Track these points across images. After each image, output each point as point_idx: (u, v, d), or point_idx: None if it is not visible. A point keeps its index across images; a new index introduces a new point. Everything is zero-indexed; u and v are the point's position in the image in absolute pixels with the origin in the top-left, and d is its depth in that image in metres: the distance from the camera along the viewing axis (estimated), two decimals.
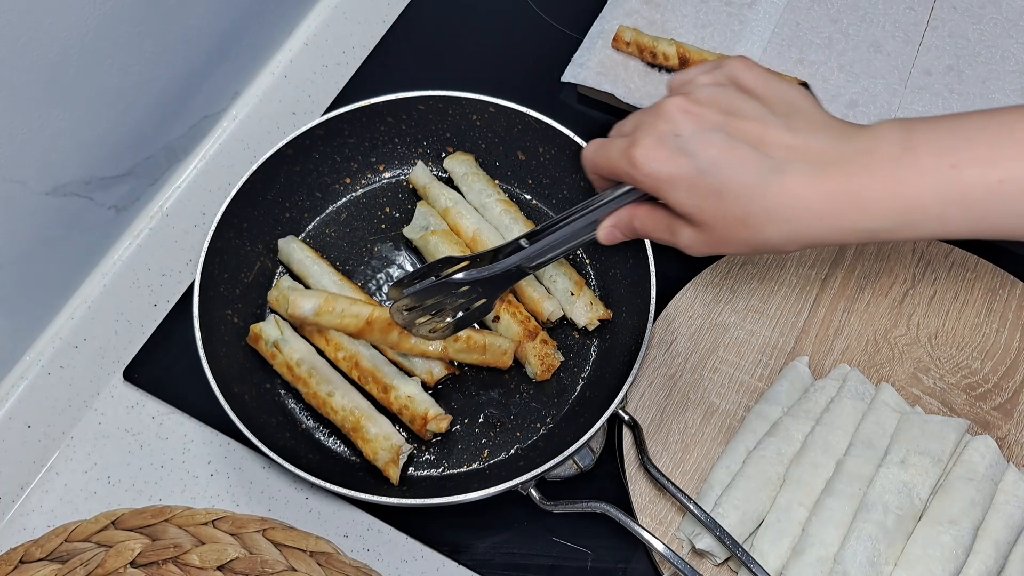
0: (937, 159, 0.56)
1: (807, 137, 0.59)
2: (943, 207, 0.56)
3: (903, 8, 1.03)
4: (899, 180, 0.57)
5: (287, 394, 0.85)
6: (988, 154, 0.55)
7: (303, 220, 0.92)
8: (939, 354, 0.85)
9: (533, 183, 0.93)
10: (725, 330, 0.87)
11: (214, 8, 0.91)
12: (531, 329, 0.83)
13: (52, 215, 0.83)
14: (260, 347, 0.83)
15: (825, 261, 0.89)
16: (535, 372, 0.83)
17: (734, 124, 0.60)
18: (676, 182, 0.60)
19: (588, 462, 0.78)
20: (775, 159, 0.58)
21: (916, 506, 0.74)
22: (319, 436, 0.83)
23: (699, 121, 0.60)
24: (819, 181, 0.58)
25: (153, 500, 0.84)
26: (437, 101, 0.90)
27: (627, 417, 0.80)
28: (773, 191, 0.58)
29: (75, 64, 0.78)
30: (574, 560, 0.80)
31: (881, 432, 0.78)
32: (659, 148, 0.61)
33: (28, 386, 0.85)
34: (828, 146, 0.59)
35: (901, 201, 0.57)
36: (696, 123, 0.60)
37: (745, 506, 0.75)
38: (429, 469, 0.82)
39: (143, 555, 0.73)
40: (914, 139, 0.57)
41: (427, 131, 0.93)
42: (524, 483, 0.74)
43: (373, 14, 1.09)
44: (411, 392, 0.81)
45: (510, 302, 0.84)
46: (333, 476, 0.75)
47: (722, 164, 0.59)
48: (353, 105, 0.89)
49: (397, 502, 0.74)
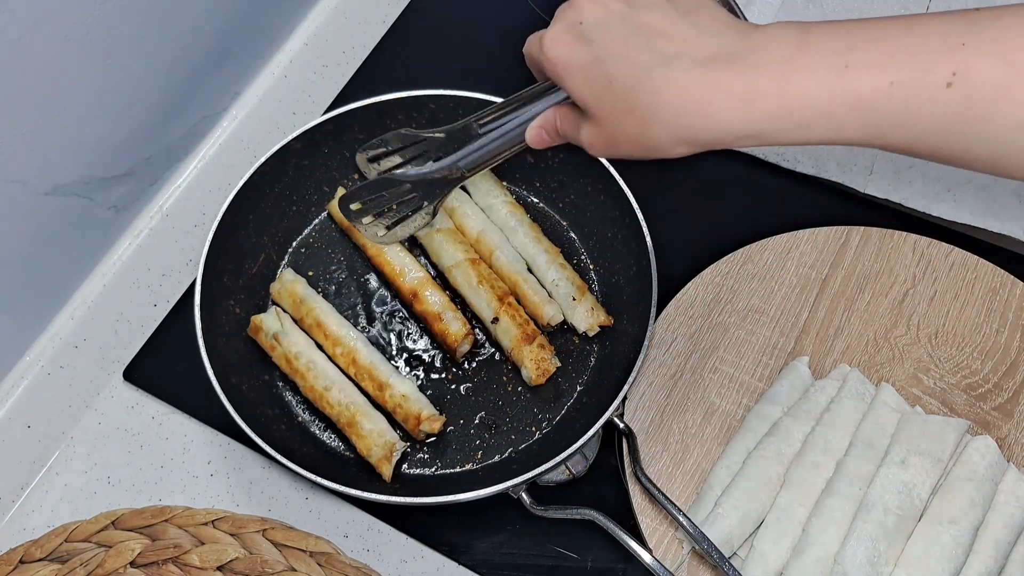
0: (829, 59, 0.55)
1: (703, 34, 0.59)
2: (832, 109, 0.55)
3: (898, 8, 1.03)
4: (787, 78, 0.55)
5: (285, 386, 0.85)
6: (881, 57, 0.54)
7: (310, 214, 0.92)
8: (939, 354, 0.85)
9: (541, 186, 0.93)
10: (725, 330, 0.87)
11: (214, 8, 0.91)
12: (529, 333, 0.83)
13: (52, 215, 0.83)
14: (260, 339, 0.84)
15: (825, 261, 0.89)
16: (530, 376, 0.83)
17: (635, 15, 0.60)
18: (573, 69, 0.61)
19: (581, 468, 0.78)
20: (666, 53, 0.58)
21: (916, 506, 0.74)
22: (314, 430, 0.83)
23: (604, 11, 0.61)
24: (704, 74, 0.57)
25: (153, 500, 0.84)
26: (448, 100, 0.90)
27: (622, 425, 0.80)
28: (658, 82, 0.57)
29: (75, 64, 0.78)
30: (574, 561, 0.80)
31: (881, 432, 0.78)
32: (563, 34, 0.61)
33: (28, 386, 0.85)
34: (721, 42, 0.58)
35: (788, 99, 0.55)
36: (600, 13, 0.61)
37: (745, 506, 0.75)
38: (422, 468, 0.82)
39: (143, 555, 0.73)
40: (809, 39, 0.56)
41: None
42: (515, 486, 0.75)
43: (373, 14, 1.09)
44: (406, 391, 0.81)
45: (510, 304, 0.84)
46: (326, 471, 0.75)
47: (615, 53, 0.59)
48: (364, 101, 0.89)
49: (387, 499, 0.74)
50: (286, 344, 0.83)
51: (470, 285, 0.85)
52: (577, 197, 0.91)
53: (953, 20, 0.54)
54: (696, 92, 0.57)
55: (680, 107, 0.57)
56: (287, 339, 0.83)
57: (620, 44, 0.59)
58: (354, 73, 1.05)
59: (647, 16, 0.60)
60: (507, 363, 0.86)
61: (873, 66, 0.54)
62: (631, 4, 0.60)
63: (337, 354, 0.83)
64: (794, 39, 0.56)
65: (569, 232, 0.92)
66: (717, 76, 0.56)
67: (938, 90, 0.52)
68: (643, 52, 0.58)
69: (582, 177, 0.89)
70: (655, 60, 0.58)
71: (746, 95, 0.56)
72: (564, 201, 0.92)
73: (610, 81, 0.59)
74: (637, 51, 0.58)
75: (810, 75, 0.55)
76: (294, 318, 0.85)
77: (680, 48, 0.58)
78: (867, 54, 0.54)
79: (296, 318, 0.85)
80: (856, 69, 0.54)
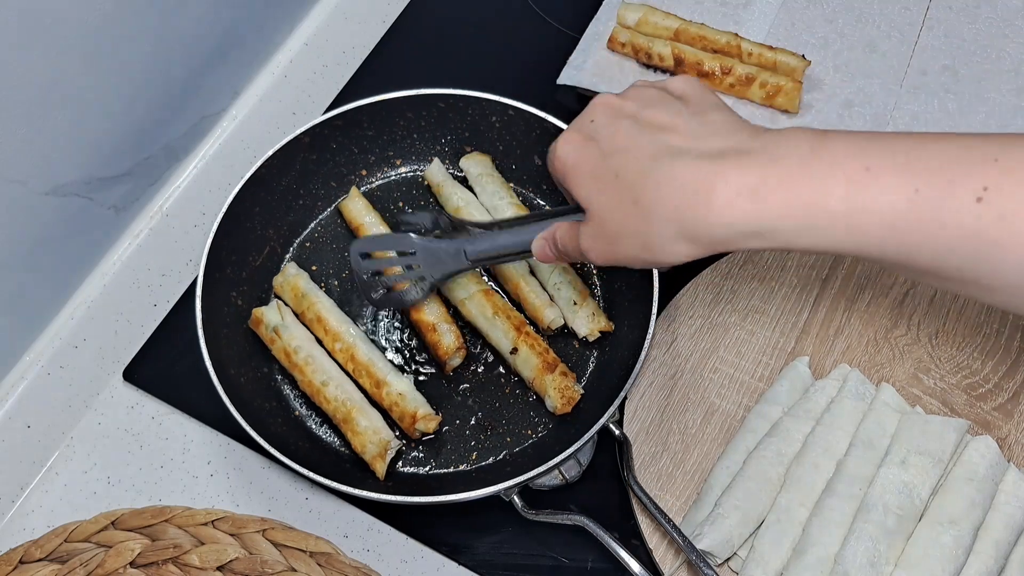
0: (849, 159, 0.52)
1: (714, 132, 0.57)
2: (850, 209, 0.51)
3: (898, 8, 1.03)
4: (802, 171, 0.52)
5: (283, 380, 0.85)
6: (907, 161, 0.50)
7: (316, 208, 0.92)
8: (939, 354, 0.85)
9: (548, 189, 0.93)
10: (725, 330, 0.87)
11: (214, 8, 0.91)
12: (550, 361, 0.81)
13: (52, 215, 0.83)
14: (260, 331, 0.84)
15: (826, 262, 0.89)
16: (555, 405, 0.81)
17: (645, 113, 0.59)
18: (581, 166, 0.61)
19: (575, 474, 0.78)
20: (672, 145, 0.57)
21: (916, 506, 0.74)
22: (311, 424, 0.83)
23: (614, 111, 0.61)
24: (711, 166, 0.54)
25: (153, 500, 0.84)
26: (458, 100, 0.90)
27: (617, 433, 0.79)
28: (663, 173, 0.55)
29: (75, 64, 0.78)
30: (574, 561, 0.80)
31: (881, 432, 0.78)
32: (573, 134, 0.62)
33: (28, 386, 0.85)
34: (732, 140, 0.56)
35: (802, 195, 0.52)
36: (611, 113, 0.61)
37: (745, 506, 0.75)
38: (416, 467, 0.82)
39: (143, 555, 0.73)
40: (827, 140, 0.53)
41: (446, 129, 0.93)
42: (507, 489, 0.74)
43: (373, 14, 1.09)
44: (403, 389, 0.81)
45: (528, 333, 0.83)
46: (321, 467, 0.75)
47: (621, 147, 0.58)
48: (374, 98, 0.89)
49: (380, 497, 0.74)
50: (286, 338, 0.83)
51: (485, 317, 0.84)
52: None
53: (985, 138, 0.51)
54: (701, 184, 0.54)
55: (682, 199, 0.55)
56: (287, 333, 0.83)
57: (627, 138, 0.58)
58: (354, 73, 1.05)
59: (657, 114, 0.59)
60: (506, 365, 0.85)
61: (897, 170, 0.51)
62: (642, 104, 0.60)
63: (336, 350, 0.83)
64: (811, 138, 0.54)
65: None
66: (725, 168, 0.54)
67: (968, 203, 0.49)
68: (650, 145, 0.57)
69: None
70: (661, 152, 0.56)
71: (754, 188, 0.53)
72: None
73: (616, 175, 0.58)
74: (644, 145, 0.57)
75: (828, 171, 0.52)
76: (295, 312, 0.86)
77: (688, 143, 0.57)
78: (891, 158, 0.51)
79: (297, 312, 0.85)
80: (878, 172, 0.51)
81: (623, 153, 0.58)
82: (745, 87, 0.96)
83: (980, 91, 0.97)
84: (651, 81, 0.64)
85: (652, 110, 0.60)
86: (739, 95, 0.97)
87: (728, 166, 0.54)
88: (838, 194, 0.51)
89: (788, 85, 0.95)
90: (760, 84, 0.95)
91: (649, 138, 0.58)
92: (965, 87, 0.97)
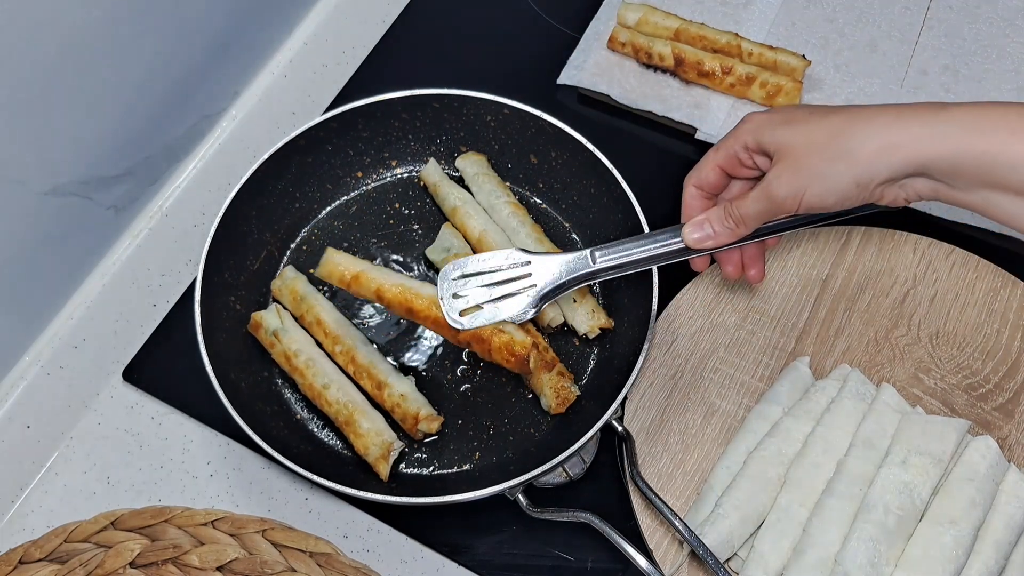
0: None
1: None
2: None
3: (899, 8, 1.03)
4: (980, 112, 0.60)
5: (284, 383, 0.85)
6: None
7: (312, 211, 0.92)
8: (940, 354, 0.85)
9: (544, 187, 0.93)
10: (726, 330, 0.86)
11: (213, 8, 0.91)
12: (548, 360, 0.81)
13: (52, 215, 0.83)
14: (260, 335, 0.84)
15: (826, 261, 0.89)
16: (550, 404, 0.81)
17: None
18: (774, 116, 0.67)
19: (578, 471, 0.78)
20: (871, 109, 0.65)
21: (917, 506, 0.74)
22: (312, 427, 0.83)
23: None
24: (900, 114, 0.62)
25: (153, 500, 0.84)
26: (452, 100, 0.90)
27: (620, 429, 0.79)
28: (870, 122, 0.63)
29: (75, 64, 0.78)
30: (574, 562, 0.80)
31: (882, 432, 0.78)
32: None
33: (28, 386, 0.85)
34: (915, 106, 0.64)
35: (981, 122, 0.59)
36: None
37: (746, 506, 0.75)
38: (419, 468, 0.82)
39: (142, 556, 0.73)
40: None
41: (441, 129, 0.93)
42: (512, 488, 0.74)
43: (373, 14, 1.09)
44: (404, 391, 0.81)
45: (528, 331, 0.82)
46: (323, 469, 0.75)
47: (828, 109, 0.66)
48: (369, 99, 0.89)
49: (383, 499, 0.74)
50: (286, 341, 0.83)
51: None
52: (580, 199, 0.90)
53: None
54: (894, 133, 0.61)
55: (888, 119, 0.62)
56: (287, 336, 0.83)
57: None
58: (354, 73, 1.05)
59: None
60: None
61: None
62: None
63: (336, 352, 0.83)
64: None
65: (571, 234, 0.92)
66: (912, 114, 0.62)
67: None
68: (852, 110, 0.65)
69: (585, 179, 0.89)
70: (865, 110, 0.64)
71: (934, 123, 0.60)
72: (567, 203, 0.92)
73: (811, 111, 0.66)
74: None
75: (1005, 110, 0.59)
76: (294, 315, 0.85)
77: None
78: None
79: (296, 315, 0.85)
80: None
81: (829, 110, 0.66)
82: (745, 87, 0.96)
83: (980, 91, 0.97)
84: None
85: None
86: (739, 95, 0.97)
87: (916, 113, 0.62)
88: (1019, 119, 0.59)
89: (788, 85, 0.95)
90: (760, 84, 0.95)
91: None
92: (965, 87, 0.97)
